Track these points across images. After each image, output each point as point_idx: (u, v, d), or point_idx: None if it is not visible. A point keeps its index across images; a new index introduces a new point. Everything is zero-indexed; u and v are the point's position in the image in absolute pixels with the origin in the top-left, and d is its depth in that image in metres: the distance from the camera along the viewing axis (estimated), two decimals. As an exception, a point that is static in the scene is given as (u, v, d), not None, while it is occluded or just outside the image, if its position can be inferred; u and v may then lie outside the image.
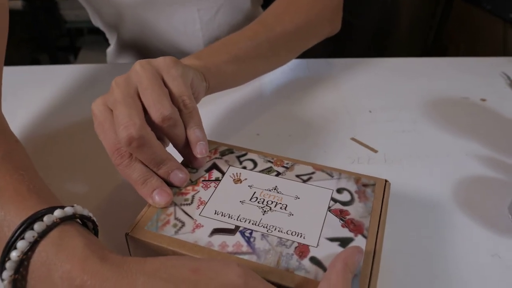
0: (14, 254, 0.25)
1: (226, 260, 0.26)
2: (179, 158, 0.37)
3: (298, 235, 0.31)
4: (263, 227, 0.32)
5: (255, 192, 0.35)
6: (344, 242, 0.31)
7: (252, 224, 0.32)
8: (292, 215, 0.33)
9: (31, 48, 1.93)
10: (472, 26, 1.58)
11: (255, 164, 0.38)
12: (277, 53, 0.55)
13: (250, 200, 0.34)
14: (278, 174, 0.37)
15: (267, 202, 0.34)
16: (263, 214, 0.33)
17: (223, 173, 0.37)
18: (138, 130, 0.32)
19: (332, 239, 0.31)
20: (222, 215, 0.33)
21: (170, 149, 0.37)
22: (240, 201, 0.34)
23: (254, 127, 0.53)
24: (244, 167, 0.37)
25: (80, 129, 0.52)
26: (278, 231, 0.31)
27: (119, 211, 0.40)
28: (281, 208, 0.33)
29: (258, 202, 0.34)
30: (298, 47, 0.58)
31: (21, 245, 0.25)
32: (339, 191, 0.35)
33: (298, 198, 0.34)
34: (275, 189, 0.35)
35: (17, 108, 0.56)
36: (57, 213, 0.27)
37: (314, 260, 0.29)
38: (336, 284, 0.25)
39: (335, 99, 0.59)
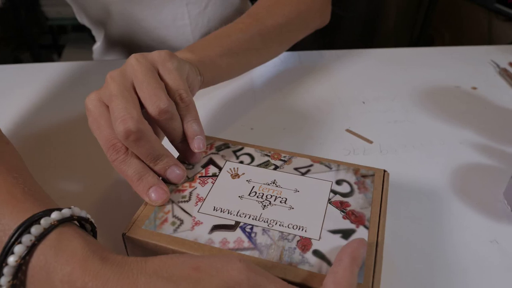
0: (11, 259, 0.24)
1: (227, 256, 0.26)
2: (175, 154, 0.37)
3: (299, 228, 0.31)
4: (264, 221, 0.31)
5: (253, 187, 0.34)
6: (346, 234, 0.30)
7: (252, 219, 0.31)
8: (293, 208, 0.32)
9: (12, 47, 1.88)
10: (457, 16, 1.59)
11: (252, 158, 0.37)
12: (269, 46, 0.55)
13: (249, 195, 0.33)
14: (276, 167, 0.36)
15: (266, 196, 0.33)
16: (263, 209, 0.32)
17: (220, 169, 0.36)
18: (136, 123, 0.31)
19: (334, 231, 0.31)
20: (221, 211, 0.32)
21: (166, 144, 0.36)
22: (239, 196, 0.33)
23: (248, 121, 0.53)
24: (241, 162, 0.37)
25: (70, 127, 0.51)
26: (279, 225, 0.31)
27: (114, 210, 0.40)
28: (281, 202, 0.33)
29: (257, 197, 0.33)
30: (290, 39, 0.58)
31: (19, 249, 0.24)
32: (339, 182, 0.35)
33: (298, 191, 0.34)
34: (273, 183, 0.35)
35: (1, 108, 0.54)
36: (54, 215, 0.26)
37: (317, 253, 0.29)
38: (343, 278, 0.25)
39: (328, 91, 0.59)
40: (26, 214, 0.26)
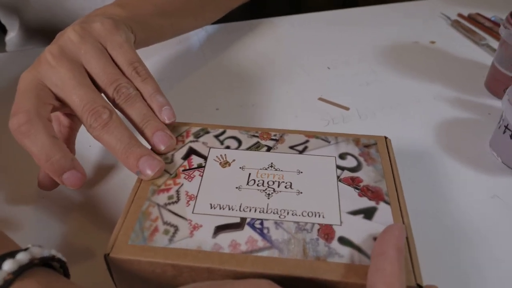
0: None
1: (253, 279, 0.21)
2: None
3: (316, 215, 0.26)
4: (273, 213, 0.27)
5: (250, 174, 0.29)
6: (368, 213, 0.27)
7: (260, 212, 0.27)
8: (301, 193, 0.28)
9: None
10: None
11: (239, 141, 0.32)
12: (205, 10, 0.51)
13: (248, 184, 0.29)
14: (269, 148, 0.32)
15: (268, 183, 0.29)
16: (268, 198, 0.28)
17: (205, 158, 0.31)
18: (110, 111, 0.30)
19: (354, 213, 0.27)
20: (220, 208, 0.27)
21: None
22: (237, 187, 0.28)
23: (211, 102, 0.47)
24: (228, 147, 0.32)
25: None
26: (292, 214, 0.27)
27: (86, 223, 0.32)
28: (285, 187, 0.28)
29: (257, 185, 0.28)
30: (226, 6, 0.55)
31: None
32: (342, 156, 0.31)
33: (301, 172, 0.30)
34: (271, 166, 0.30)
35: None
36: (8, 265, 0.19)
37: (343, 240, 0.25)
38: (393, 276, 0.21)
39: (289, 61, 0.54)
40: None
